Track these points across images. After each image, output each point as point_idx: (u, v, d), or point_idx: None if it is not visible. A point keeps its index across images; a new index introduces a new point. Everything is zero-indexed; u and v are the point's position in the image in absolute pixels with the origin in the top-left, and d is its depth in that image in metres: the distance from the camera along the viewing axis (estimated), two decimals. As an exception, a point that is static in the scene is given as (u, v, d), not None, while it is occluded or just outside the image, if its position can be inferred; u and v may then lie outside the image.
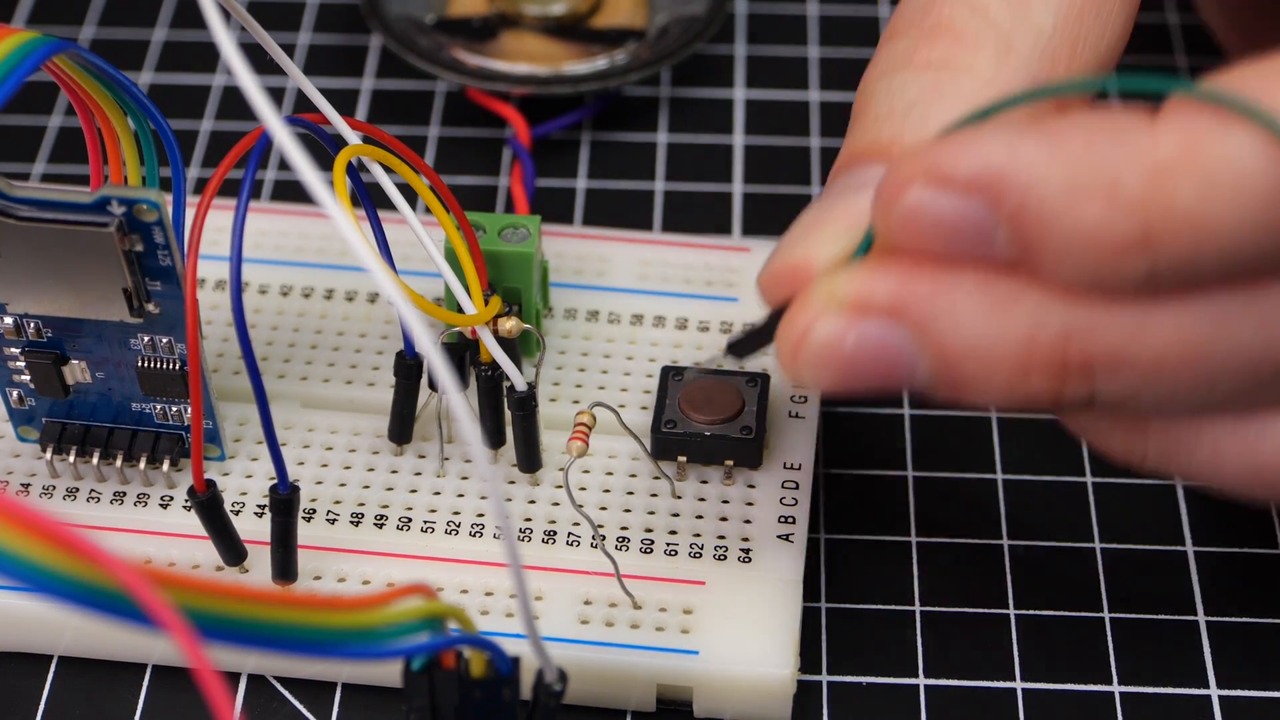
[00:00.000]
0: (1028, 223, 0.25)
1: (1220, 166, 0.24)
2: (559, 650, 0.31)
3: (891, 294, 0.26)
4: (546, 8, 0.43)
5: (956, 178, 0.25)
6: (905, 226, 0.26)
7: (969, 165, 0.25)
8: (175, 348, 0.32)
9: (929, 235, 0.25)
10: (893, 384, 0.27)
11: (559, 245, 0.38)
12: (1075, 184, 0.24)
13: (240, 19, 0.30)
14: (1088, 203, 0.24)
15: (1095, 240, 0.24)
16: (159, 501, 0.33)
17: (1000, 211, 0.25)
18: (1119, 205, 0.24)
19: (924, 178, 0.25)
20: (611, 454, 0.34)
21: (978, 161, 0.25)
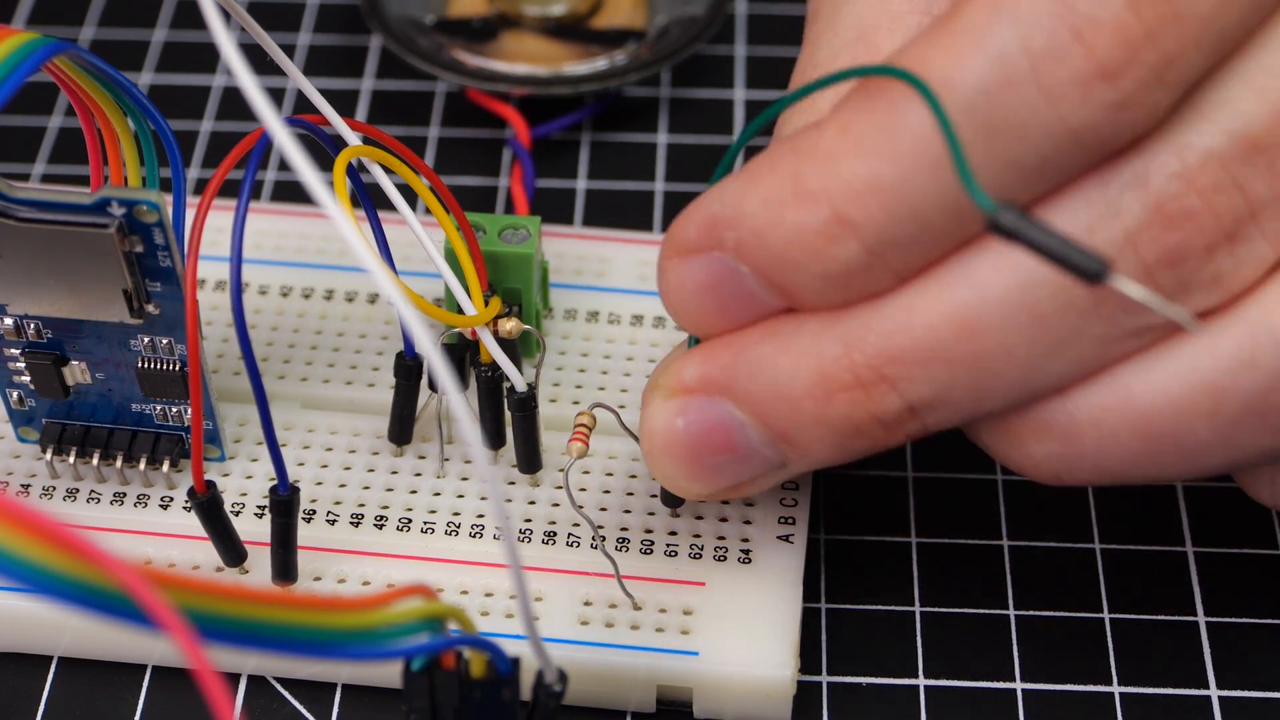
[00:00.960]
0: (752, 251, 0.26)
1: (872, 131, 0.25)
2: (559, 651, 0.31)
3: (700, 370, 0.28)
4: (546, 8, 0.43)
5: (688, 240, 0.27)
6: (678, 305, 0.28)
7: (693, 224, 0.27)
8: (175, 348, 0.32)
9: (700, 304, 0.28)
10: (744, 459, 0.28)
11: (559, 246, 0.38)
12: (769, 198, 0.26)
13: (240, 19, 0.30)
14: (783, 209, 0.26)
15: (803, 241, 0.26)
16: (159, 502, 0.33)
17: (730, 252, 0.27)
18: (805, 199, 0.26)
19: (670, 254, 0.28)
20: (612, 455, 0.34)
21: (697, 218, 0.27)
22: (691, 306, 0.28)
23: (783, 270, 0.26)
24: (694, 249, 0.27)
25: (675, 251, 0.28)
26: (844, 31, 0.31)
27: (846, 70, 0.26)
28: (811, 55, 0.31)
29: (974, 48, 0.25)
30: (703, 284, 0.27)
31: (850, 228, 0.25)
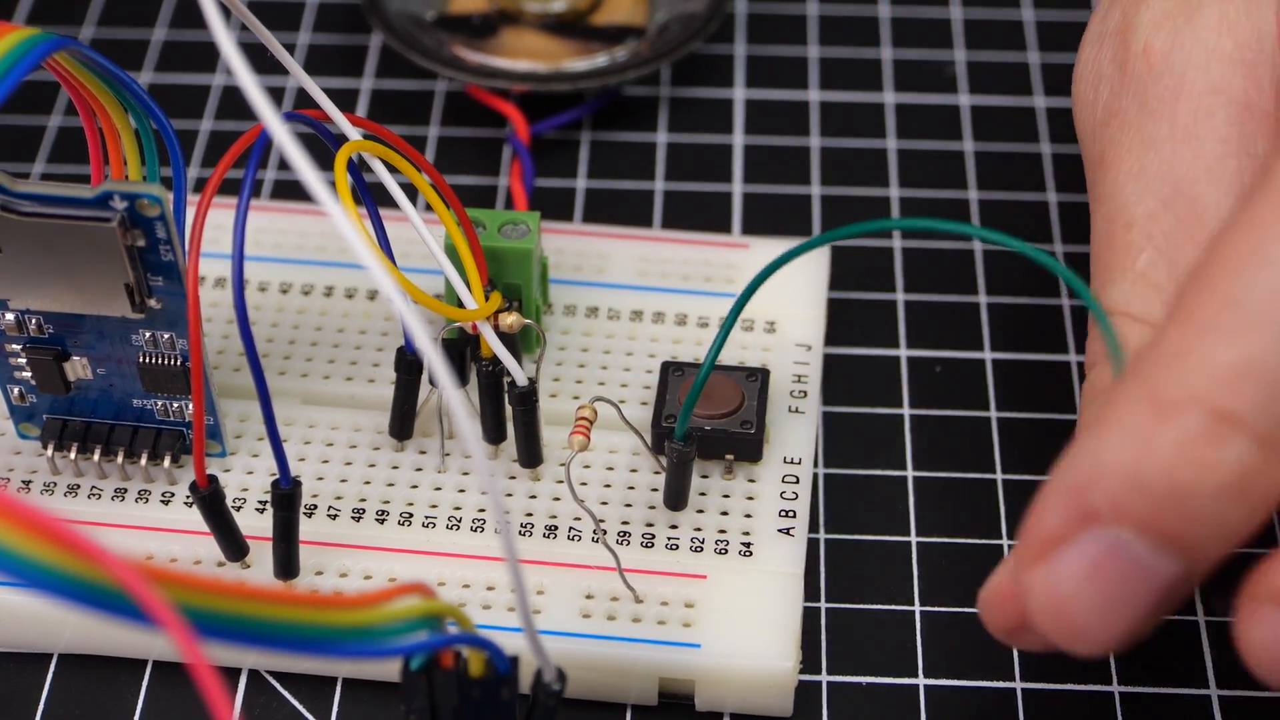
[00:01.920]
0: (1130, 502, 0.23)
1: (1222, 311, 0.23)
2: (561, 644, 0.31)
3: None
4: (547, 5, 0.43)
5: (1050, 531, 0.24)
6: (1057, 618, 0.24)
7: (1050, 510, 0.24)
8: (177, 344, 0.32)
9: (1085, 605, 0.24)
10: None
11: (558, 242, 0.38)
12: (1128, 434, 0.23)
13: (240, 15, 0.30)
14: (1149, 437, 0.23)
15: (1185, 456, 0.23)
16: (160, 498, 0.33)
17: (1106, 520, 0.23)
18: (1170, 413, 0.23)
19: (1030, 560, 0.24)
20: (612, 449, 0.34)
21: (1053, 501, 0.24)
22: (1074, 611, 0.24)
23: (1172, 507, 0.23)
24: (1059, 538, 0.24)
25: (1036, 554, 0.24)
26: (1155, 186, 0.29)
27: None
28: (1121, 210, 0.29)
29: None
30: (1081, 575, 0.23)
31: (1232, 422, 0.23)
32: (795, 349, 0.36)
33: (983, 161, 0.42)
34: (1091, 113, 0.31)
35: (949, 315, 0.38)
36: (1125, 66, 0.30)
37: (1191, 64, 0.29)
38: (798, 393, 0.35)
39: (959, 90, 0.44)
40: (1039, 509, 0.24)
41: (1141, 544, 0.23)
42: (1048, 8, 0.46)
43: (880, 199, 0.41)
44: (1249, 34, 0.29)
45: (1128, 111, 0.30)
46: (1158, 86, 0.29)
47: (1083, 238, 0.27)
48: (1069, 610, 0.24)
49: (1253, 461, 0.23)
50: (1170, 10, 0.30)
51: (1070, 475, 0.24)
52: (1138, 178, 0.29)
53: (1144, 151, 0.29)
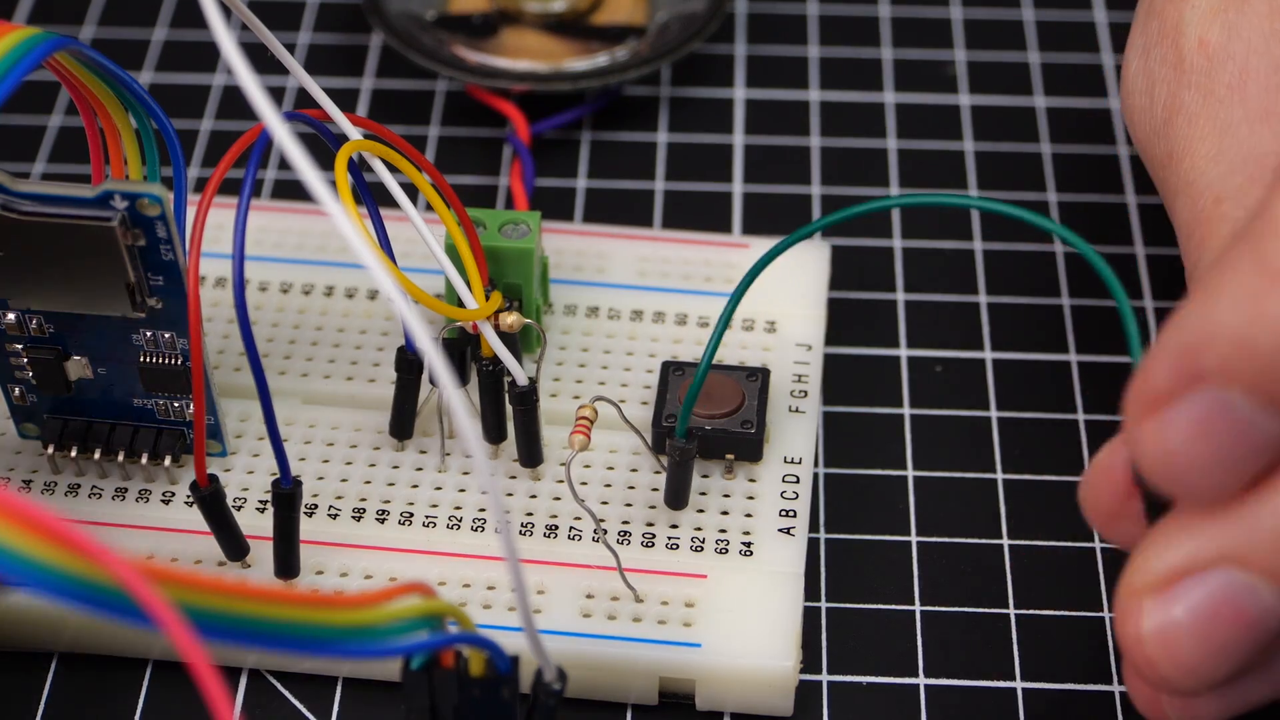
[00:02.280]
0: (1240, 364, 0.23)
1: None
2: (561, 644, 0.31)
3: (1184, 554, 0.24)
4: (547, 5, 0.43)
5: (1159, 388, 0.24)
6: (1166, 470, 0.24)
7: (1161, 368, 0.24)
8: (177, 343, 0.32)
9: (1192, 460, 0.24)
10: (1260, 625, 0.24)
11: (559, 242, 0.38)
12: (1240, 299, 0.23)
13: (241, 15, 0.30)
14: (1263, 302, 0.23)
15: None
16: (161, 497, 0.33)
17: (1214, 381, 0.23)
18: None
19: (1140, 415, 0.24)
20: (613, 448, 0.34)
21: (1164, 359, 0.24)
22: (1184, 466, 0.24)
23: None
24: (1168, 396, 0.24)
25: (1146, 409, 0.24)
26: (1239, 165, 0.28)
27: None
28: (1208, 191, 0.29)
29: None
30: (1190, 433, 0.24)
31: None
32: (795, 349, 0.36)
33: (983, 161, 0.42)
34: (1150, 116, 0.31)
35: (949, 315, 0.38)
36: (1181, 65, 0.30)
37: (1252, 50, 0.30)
38: (798, 393, 0.35)
39: (959, 90, 0.44)
40: (1149, 367, 0.24)
41: (1249, 404, 0.23)
42: (1048, 8, 0.46)
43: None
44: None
45: (1191, 105, 0.30)
46: (1223, 74, 0.30)
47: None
48: (1177, 462, 0.24)
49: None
50: (1218, 5, 0.30)
51: (1181, 336, 0.24)
52: (1218, 160, 0.29)
53: (1220, 136, 0.29)
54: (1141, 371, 0.24)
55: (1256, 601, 0.24)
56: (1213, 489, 0.24)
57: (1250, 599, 0.24)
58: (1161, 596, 0.25)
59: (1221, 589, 0.24)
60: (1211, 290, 0.24)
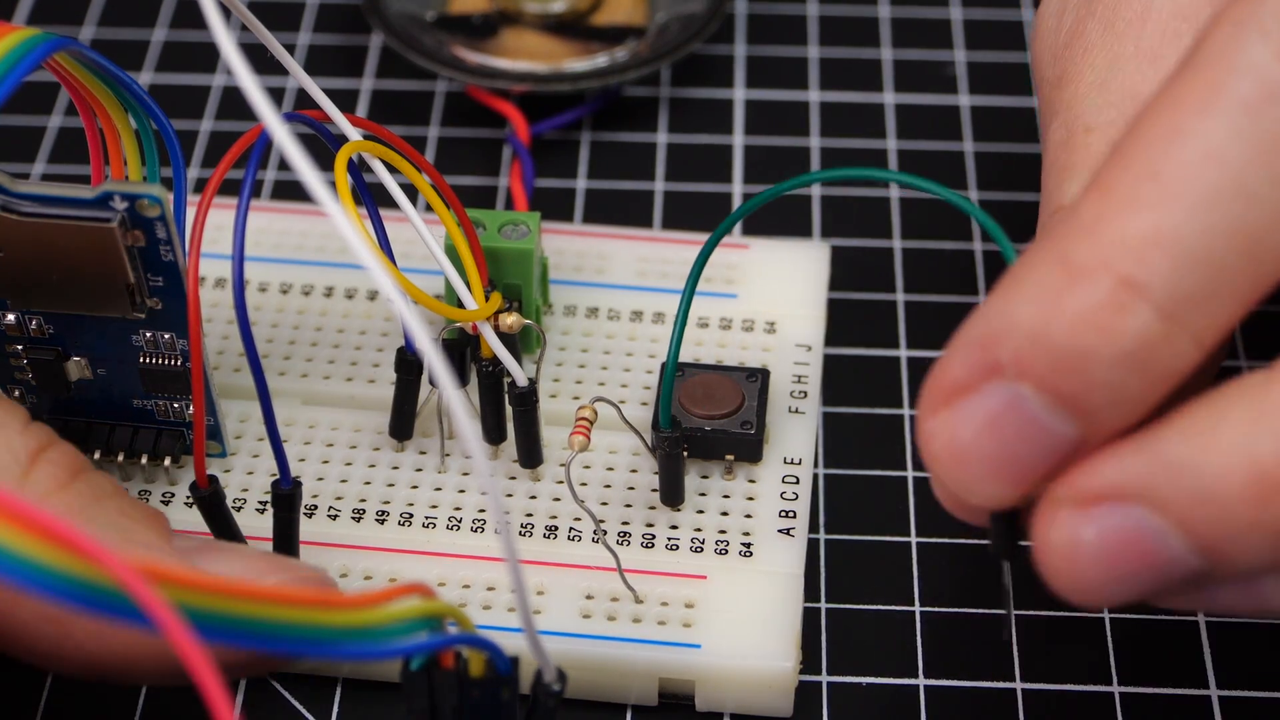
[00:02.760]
0: (1034, 359, 0.23)
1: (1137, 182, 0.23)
2: (561, 645, 0.31)
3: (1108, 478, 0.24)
4: (547, 5, 0.43)
5: (954, 379, 0.24)
6: (953, 463, 0.24)
7: (957, 358, 0.24)
8: (177, 344, 0.32)
9: (979, 454, 0.24)
10: (1162, 569, 0.24)
11: (558, 242, 0.38)
12: (1038, 294, 0.23)
13: (241, 16, 0.30)
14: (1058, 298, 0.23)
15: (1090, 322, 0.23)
16: (160, 498, 0.33)
17: (1008, 374, 0.24)
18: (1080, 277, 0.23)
19: (932, 408, 0.24)
20: (612, 449, 0.34)
21: (961, 350, 0.24)
22: (970, 460, 0.24)
23: (1074, 369, 0.23)
24: (962, 388, 0.24)
25: (939, 401, 0.24)
26: (1116, 99, 0.29)
27: None
28: (1078, 118, 0.29)
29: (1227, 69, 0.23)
30: (980, 428, 0.24)
31: (1138, 290, 0.23)
32: (795, 349, 0.36)
33: (982, 161, 0.42)
34: (1054, 39, 0.31)
35: (949, 315, 0.38)
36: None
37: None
38: (798, 393, 0.35)
39: (959, 90, 0.44)
40: (945, 359, 0.24)
41: (1040, 401, 0.24)
42: (1048, 8, 0.46)
43: (880, 199, 0.41)
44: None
45: (1091, 34, 0.30)
46: (1126, 10, 0.30)
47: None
48: (965, 458, 0.24)
49: (1155, 332, 0.23)
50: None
51: (979, 328, 0.24)
52: (1101, 90, 0.29)
53: (1108, 68, 0.29)
54: (939, 363, 0.24)
55: (1165, 547, 0.24)
56: (995, 488, 0.24)
57: (1160, 543, 0.24)
58: (1078, 513, 0.24)
59: (1131, 523, 0.24)
60: (1013, 284, 0.24)
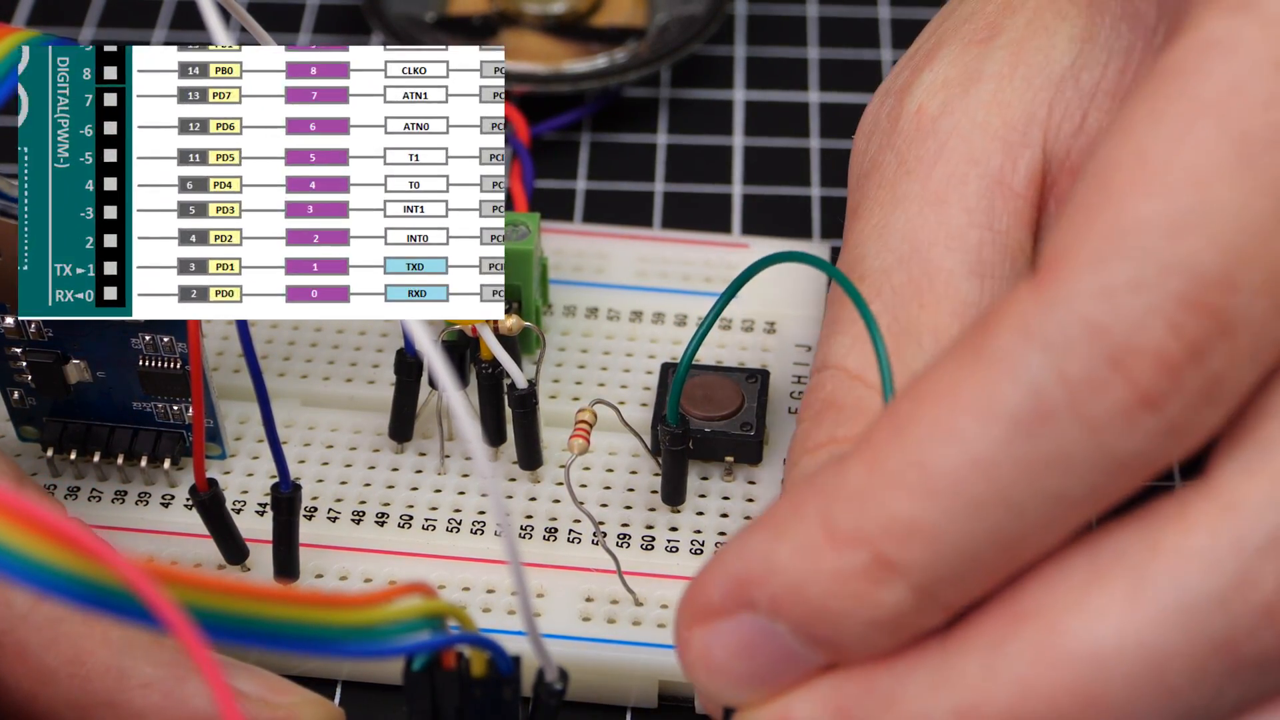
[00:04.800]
0: (789, 607, 0.24)
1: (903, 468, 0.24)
2: (561, 647, 0.31)
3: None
4: (547, 6, 0.43)
5: (711, 604, 0.25)
6: (706, 676, 0.25)
7: (716, 586, 0.25)
8: (176, 346, 0.32)
9: (732, 671, 0.25)
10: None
11: (558, 242, 0.38)
12: (800, 547, 0.24)
13: (240, 19, 0.30)
14: (818, 558, 0.24)
15: (845, 588, 0.24)
16: (160, 500, 0.33)
17: (764, 611, 0.24)
18: (840, 544, 0.24)
19: (691, 621, 0.25)
20: (612, 451, 0.34)
21: (720, 579, 0.25)
22: (722, 675, 0.25)
23: (826, 623, 0.24)
24: (719, 612, 0.25)
25: (697, 618, 0.25)
26: (894, 243, 0.29)
27: None
28: (859, 262, 0.29)
29: (1007, 378, 0.23)
30: (733, 649, 0.25)
31: (894, 570, 0.24)
32: (795, 349, 0.36)
33: (982, 162, 0.42)
34: (860, 163, 0.31)
35: (949, 316, 0.38)
36: (896, 124, 0.31)
37: (957, 132, 0.30)
38: (798, 394, 0.35)
39: (958, 91, 0.44)
40: (705, 578, 0.25)
41: (791, 637, 0.25)
42: (1047, 9, 0.46)
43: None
44: (1019, 115, 0.30)
45: (887, 167, 0.30)
46: (920, 148, 0.30)
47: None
48: (717, 673, 0.25)
49: (907, 606, 0.24)
50: (951, 78, 0.31)
51: (739, 563, 0.25)
52: (880, 233, 0.29)
53: (891, 208, 0.30)
54: (697, 581, 0.25)
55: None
56: (749, 695, 0.25)
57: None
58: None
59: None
60: (777, 528, 0.24)
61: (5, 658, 0.28)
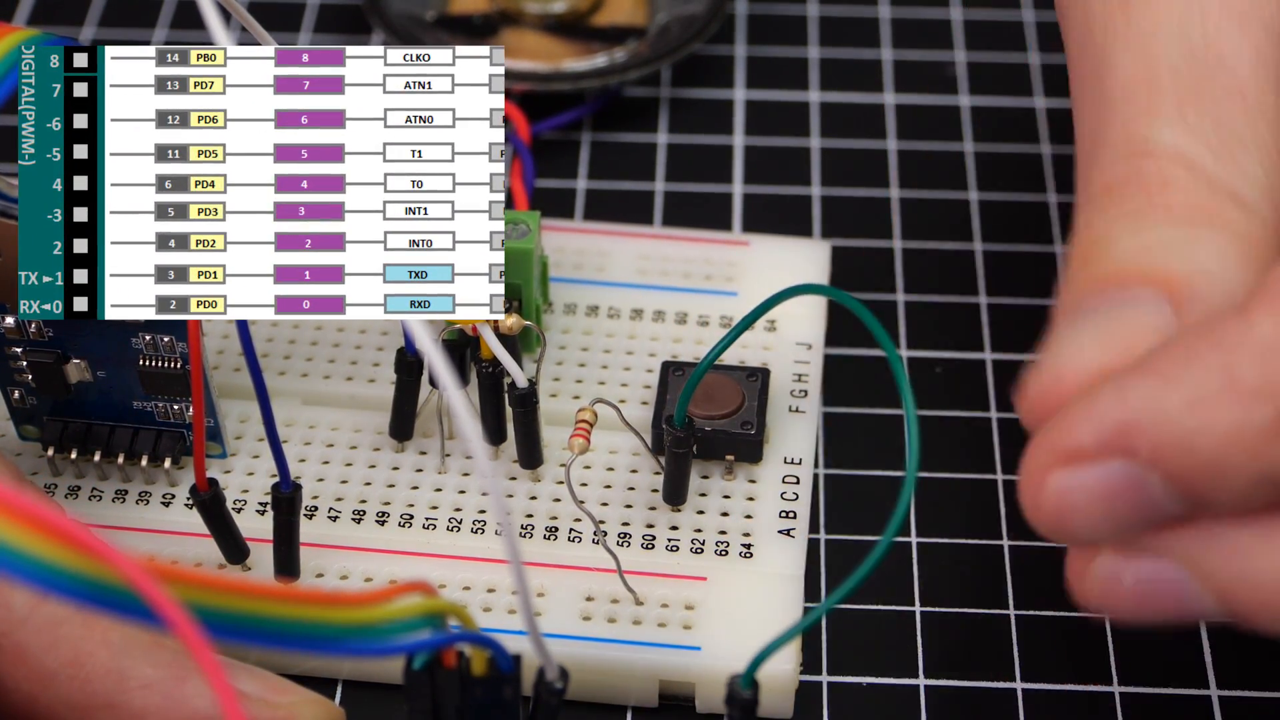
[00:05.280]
0: (1174, 458, 0.24)
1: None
2: (561, 647, 0.31)
3: None
4: (547, 5, 0.43)
5: (1082, 446, 0.24)
6: (1058, 516, 0.25)
7: (1091, 429, 0.24)
8: (176, 346, 0.32)
9: (1089, 516, 0.25)
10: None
11: (558, 240, 0.38)
12: (1195, 399, 0.23)
13: (240, 19, 0.30)
14: (1215, 411, 0.23)
15: (1242, 443, 0.23)
16: (160, 500, 0.33)
17: (1142, 460, 0.24)
18: (1244, 398, 0.23)
19: (1052, 461, 0.24)
20: (612, 450, 0.34)
21: (1097, 423, 0.24)
22: (1076, 520, 0.25)
23: (1211, 476, 0.24)
24: (1088, 456, 0.24)
25: (1062, 458, 0.25)
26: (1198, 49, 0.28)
27: None
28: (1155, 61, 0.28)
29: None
30: (1096, 495, 0.24)
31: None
32: (795, 349, 0.36)
33: (983, 162, 0.42)
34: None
35: (949, 315, 0.38)
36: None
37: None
38: (798, 393, 0.35)
39: (959, 90, 0.44)
40: (1078, 418, 0.24)
41: (1162, 488, 0.24)
42: (1047, 8, 0.46)
43: (880, 199, 0.41)
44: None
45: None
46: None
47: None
48: (1069, 517, 0.25)
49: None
50: None
51: (1121, 408, 0.24)
52: (1180, 38, 0.28)
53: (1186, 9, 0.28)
54: (1067, 416, 0.24)
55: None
56: (1084, 540, 0.25)
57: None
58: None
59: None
60: (1168, 378, 0.24)
61: (5, 660, 0.28)
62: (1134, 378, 0.24)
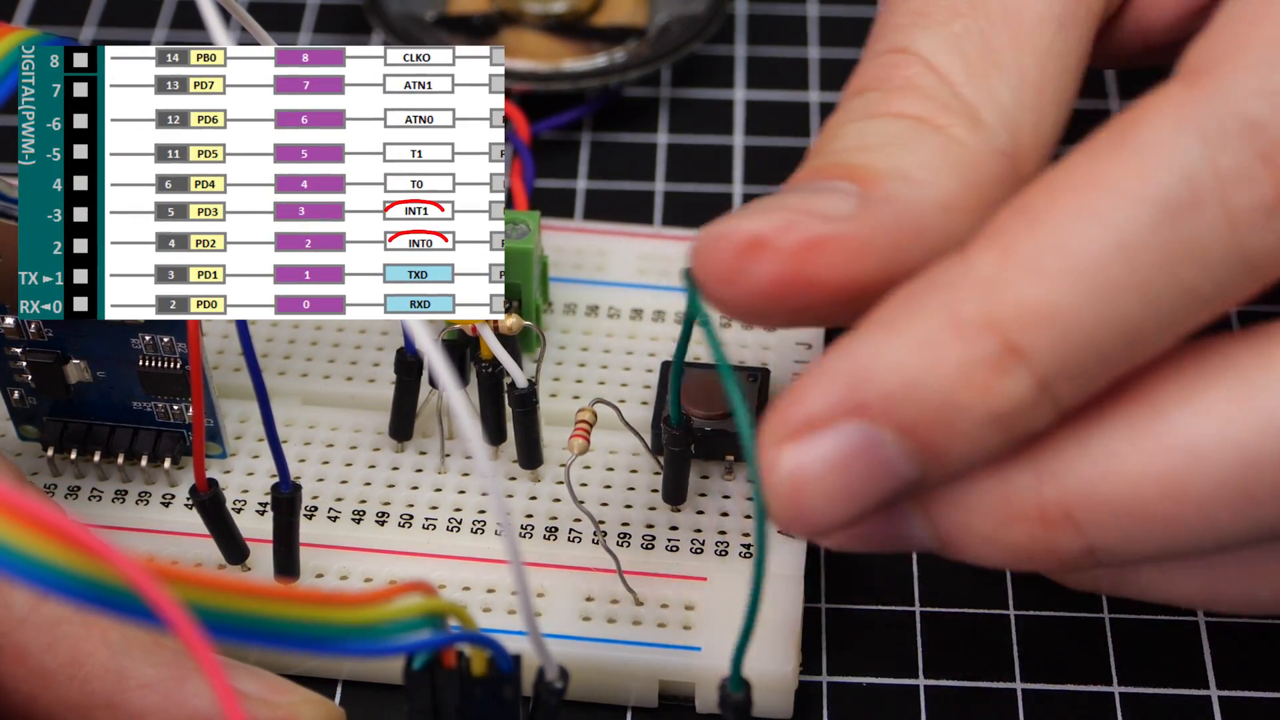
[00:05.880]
0: (902, 406, 0.23)
1: (1042, 253, 0.23)
2: (561, 647, 0.31)
3: None
4: (547, 5, 0.43)
5: (811, 414, 0.24)
6: (794, 499, 0.24)
7: (818, 392, 0.24)
8: (176, 346, 0.32)
9: (822, 492, 0.24)
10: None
11: (558, 240, 0.38)
12: (921, 341, 0.23)
13: (240, 19, 0.30)
14: (941, 349, 0.23)
15: (970, 378, 0.23)
16: (160, 500, 0.33)
17: (871, 415, 0.24)
18: (968, 332, 0.23)
19: (780, 437, 0.24)
20: (612, 450, 0.34)
21: (824, 383, 0.24)
22: (809, 494, 0.24)
23: (940, 421, 0.23)
24: (817, 423, 0.24)
25: (789, 432, 0.24)
26: None
27: None
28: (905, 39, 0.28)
29: (1160, 164, 0.23)
30: (828, 466, 0.24)
31: (1022, 358, 0.23)
32: (795, 348, 0.36)
33: (982, 162, 0.42)
34: None
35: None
36: None
37: None
38: (798, 393, 0.35)
39: (958, 91, 0.44)
40: (805, 386, 0.24)
41: (896, 446, 0.24)
42: (1047, 8, 0.46)
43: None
44: None
45: None
46: None
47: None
48: (805, 492, 0.24)
49: (1027, 398, 0.23)
50: None
51: (848, 364, 0.24)
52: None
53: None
54: (794, 388, 0.24)
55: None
56: (823, 523, 0.24)
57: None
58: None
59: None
60: (890, 326, 0.24)
61: (5, 660, 0.28)
62: (859, 334, 0.24)
